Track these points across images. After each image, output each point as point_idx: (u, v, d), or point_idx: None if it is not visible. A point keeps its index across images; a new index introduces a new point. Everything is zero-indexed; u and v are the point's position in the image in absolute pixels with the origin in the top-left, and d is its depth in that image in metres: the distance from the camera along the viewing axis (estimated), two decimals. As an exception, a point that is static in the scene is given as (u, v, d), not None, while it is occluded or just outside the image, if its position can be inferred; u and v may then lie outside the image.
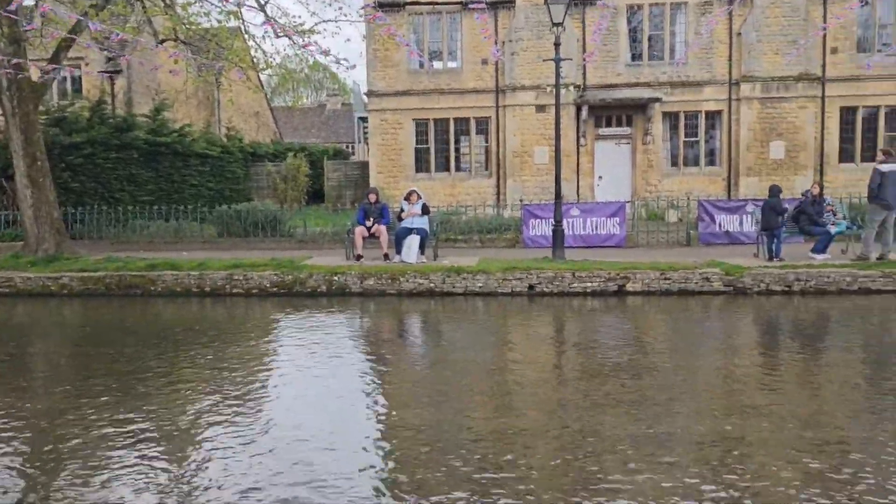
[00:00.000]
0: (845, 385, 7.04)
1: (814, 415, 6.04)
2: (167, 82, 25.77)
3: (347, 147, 44.71)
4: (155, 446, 5.46)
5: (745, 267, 12.12)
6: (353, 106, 47.28)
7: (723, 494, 4.50)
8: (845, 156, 23.42)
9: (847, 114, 23.27)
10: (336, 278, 12.46)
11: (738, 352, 8.59)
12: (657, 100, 22.85)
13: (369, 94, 24.56)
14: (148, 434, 5.71)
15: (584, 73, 23.41)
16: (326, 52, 11.08)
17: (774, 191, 13.35)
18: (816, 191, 13.62)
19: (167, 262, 13.40)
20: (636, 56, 23.72)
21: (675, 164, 24.04)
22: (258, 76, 30.63)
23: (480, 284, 12.14)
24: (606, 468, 4.94)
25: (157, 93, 25.72)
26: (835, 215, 13.35)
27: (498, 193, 23.86)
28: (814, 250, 12.92)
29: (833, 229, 13.05)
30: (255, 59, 17.28)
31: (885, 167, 12.21)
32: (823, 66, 22.85)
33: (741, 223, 15.50)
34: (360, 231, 13.76)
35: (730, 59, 23.09)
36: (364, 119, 31.17)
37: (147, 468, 5.04)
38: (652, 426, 5.71)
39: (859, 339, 9.20)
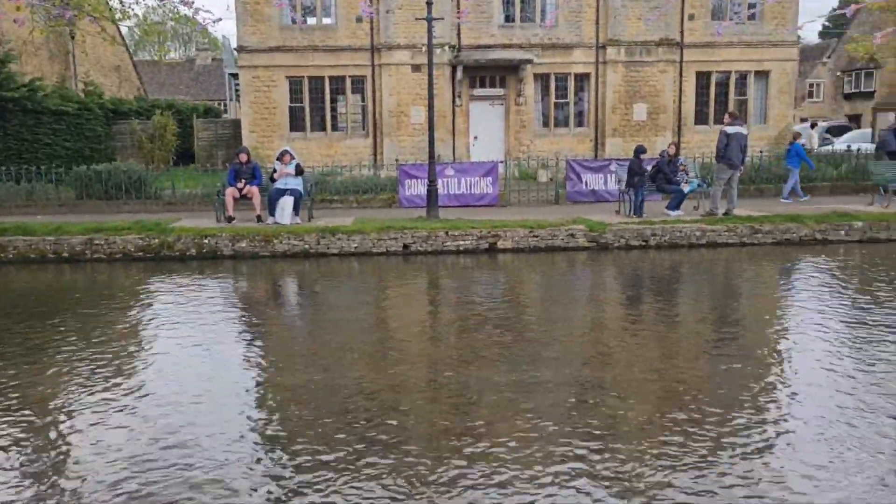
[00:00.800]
0: (689, 332, 7.72)
1: (659, 359, 6.60)
2: (13, 32, 23.59)
3: (219, 105, 42.88)
4: (15, 423, 5.23)
5: (608, 223, 12.82)
6: (224, 62, 45.23)
7: (580, 441, 4.88)
8: (700, 118, 24.97)
9: (702, 78, 24.75)
10: (206, 241, 12.11)
11: (597, 304, 9.17)
12: (529, 61, 23.36)
13: (240, 49, 23.59)
14: (8, 414, 5.45)
15: (459, 34, 23.53)
16: (190, 4, 10.58)
17: (639, 150, 14.08)
18: (672, 151, 14.49)
19: (19, 227, 12.53)
20: (509, 17, 24.07)
21: (546, 124, 24.77)
22: (118, 28, 28.66)
23: (356, 245, 12.18)
24: (474, 418, 5.21)
25: (1, 43, 23.55)
26: (687, 174, 14.30)
27: (375, 153, 23.75)
28: (668, 207, 13.84)
29: (686, 188, 14.00)
30: (112, 9, 16.18)
31: (730, 129, 13.18)
32: (682, 32, 24.10)
33: (606, 182, 16.29)
34: (230, 192, 13.40)
35: (597, 24, 23.88)
36: (235, 76, 29.86)
37: (8, 447, 4.84)
38: (517, 376, 6.04)
39: (704, 290, 10.04)
